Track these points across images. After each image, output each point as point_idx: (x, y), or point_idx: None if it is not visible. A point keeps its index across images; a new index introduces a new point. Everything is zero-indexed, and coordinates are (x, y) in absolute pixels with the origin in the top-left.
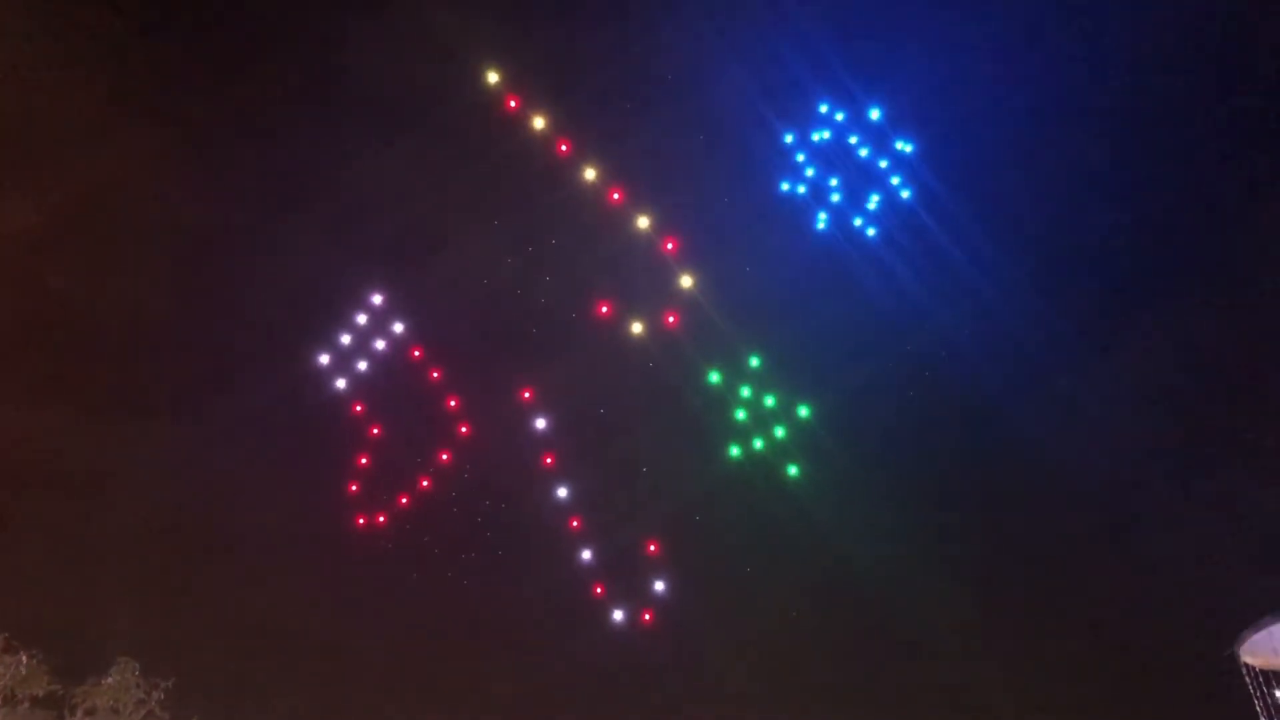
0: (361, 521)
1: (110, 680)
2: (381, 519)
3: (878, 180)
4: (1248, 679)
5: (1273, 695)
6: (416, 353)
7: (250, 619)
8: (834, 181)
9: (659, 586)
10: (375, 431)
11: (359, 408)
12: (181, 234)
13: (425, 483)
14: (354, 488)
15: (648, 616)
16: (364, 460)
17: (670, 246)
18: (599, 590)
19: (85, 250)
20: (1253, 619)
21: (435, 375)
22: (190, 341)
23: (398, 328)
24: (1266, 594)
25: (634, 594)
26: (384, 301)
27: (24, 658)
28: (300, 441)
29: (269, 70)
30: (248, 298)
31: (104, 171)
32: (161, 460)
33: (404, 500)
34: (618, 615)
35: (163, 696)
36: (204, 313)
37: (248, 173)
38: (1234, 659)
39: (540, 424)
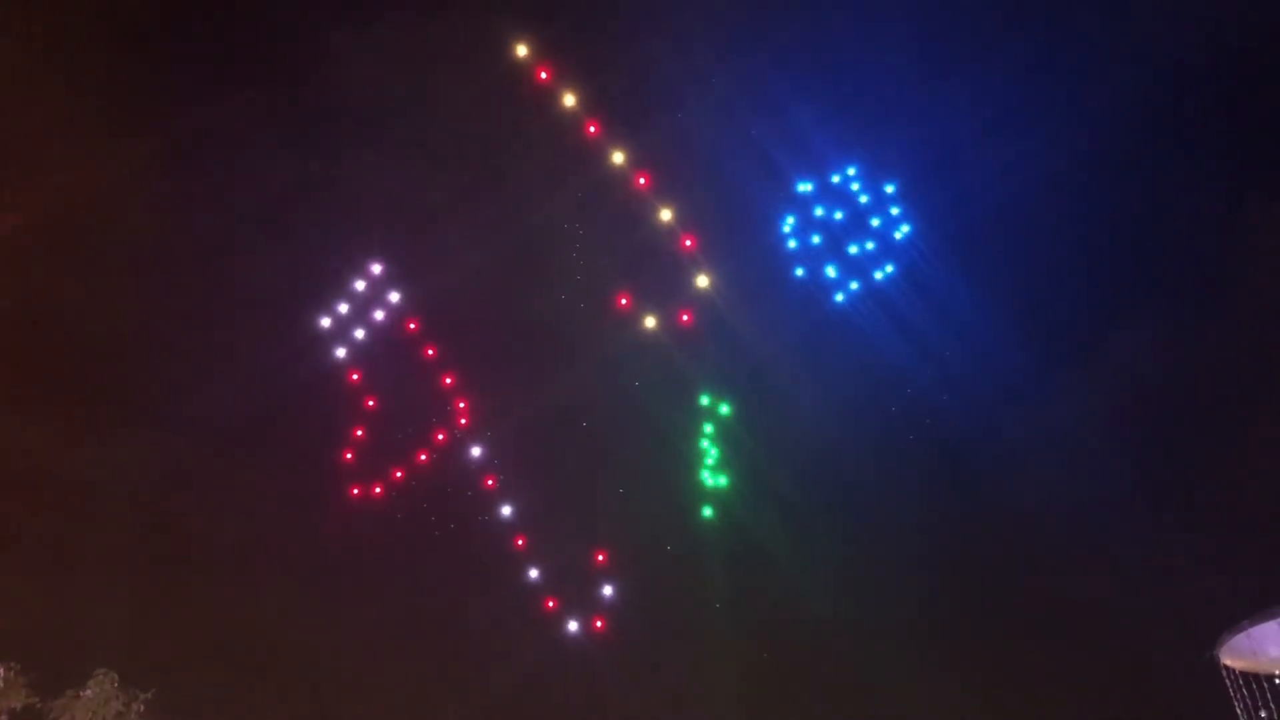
0: (356, 492)
1: (89, 692)
2: (378, 489)
3: (868, 238)
4: (1228, 681)
5: (1253, 698)
6: (412, 325)
7: (232, 627)
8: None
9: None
10: (371, 404)
11: (355, 376)
12: (175, 227)
13: (422, 457)
14: (349, 456)
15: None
16: (359, 432)
17: (689, 244)
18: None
19: (73, 256)
20: (1232, 621)
21: (431, 352)
22: (181, 336)
23: (394, 297)
24: (1245, 595)
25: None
26: (383, 271)
27: (1, 669)
28: (295, 421)
29: (279, 37)
30: (244, 281)
31: (93, 171)
32: (141, 465)
33: (399, 474)
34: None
35: (142, 709)
36: (196, 302)
37: (250, 155)
38: (1214, 661)
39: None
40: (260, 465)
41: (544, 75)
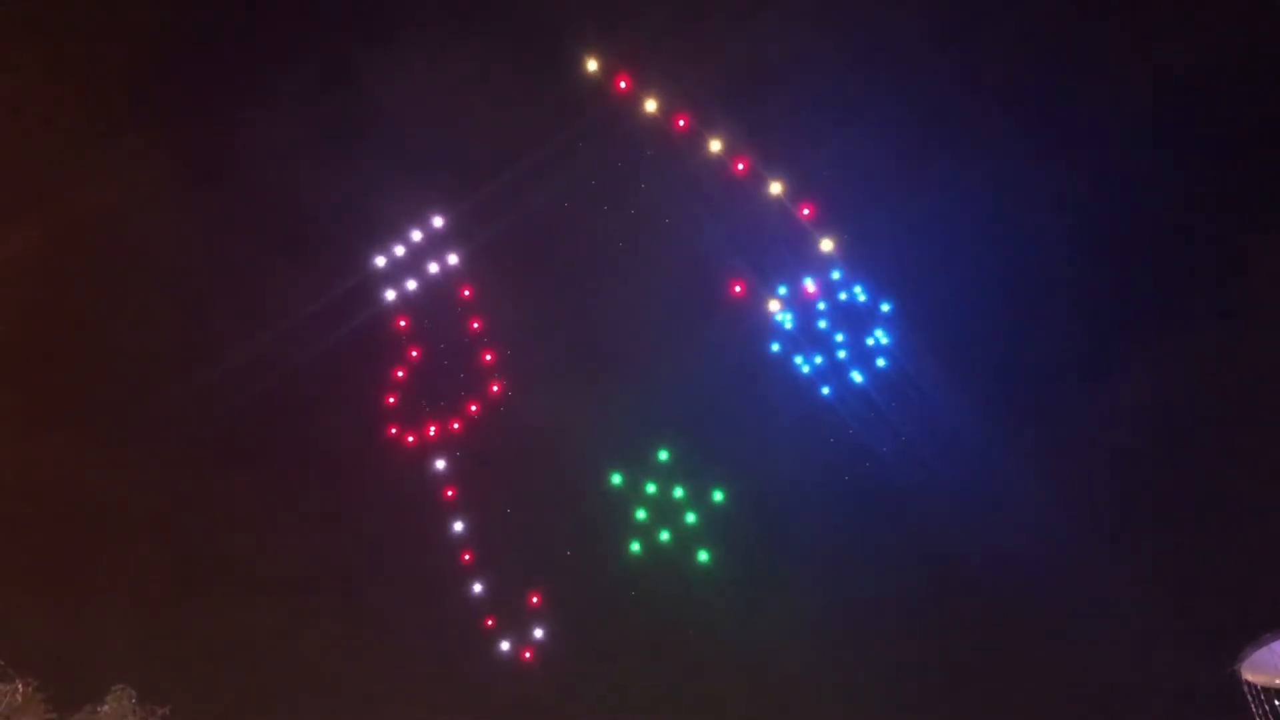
0: (394, 431)
1: (106, 708)
2: (411, 439)
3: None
4: (1249, 696)
5: (1275, 713)
6: (466, 292)
7: (247, 643)
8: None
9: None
10: (415, 353)
11: (403, 323)
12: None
13: (455, 425)
14: (392, 400)
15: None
16: (400, 373)
17: (807, 212)
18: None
19: (97, 269)
20: (1254, 635)
21: (476, 325)
22: (193, 346)
23: (452, 259)
24: (1268, 610)
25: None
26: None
27: (20, 685)
28: (318, 411)
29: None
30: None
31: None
32: (158, 481)
33: (433, 431)
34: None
35: None
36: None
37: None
38: (1235, 676)
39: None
40: (276, 479)
41: (623, 84)
